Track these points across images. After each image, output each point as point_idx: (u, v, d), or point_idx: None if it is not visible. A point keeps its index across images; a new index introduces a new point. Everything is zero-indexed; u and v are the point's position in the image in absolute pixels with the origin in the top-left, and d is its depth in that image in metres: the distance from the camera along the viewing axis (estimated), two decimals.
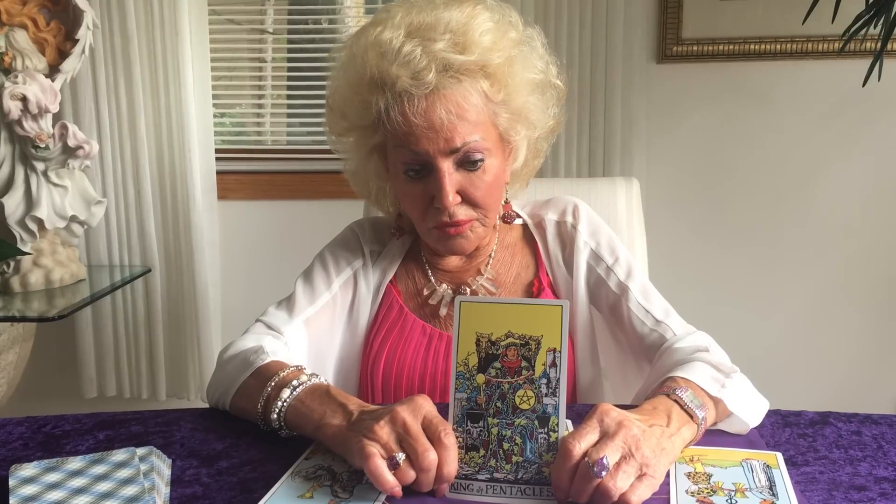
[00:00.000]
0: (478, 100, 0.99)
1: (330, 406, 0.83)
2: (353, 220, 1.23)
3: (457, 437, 0.76)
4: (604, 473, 0.70)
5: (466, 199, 1.01)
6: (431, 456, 0.73)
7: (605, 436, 0.73)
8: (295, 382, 0.87)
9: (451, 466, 0.74)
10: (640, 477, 0.72)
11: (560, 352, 0.74)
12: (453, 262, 1.14)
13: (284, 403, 0.86)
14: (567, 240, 1.13)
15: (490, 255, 1.14)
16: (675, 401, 0.84)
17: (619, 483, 0.70)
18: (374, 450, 0.73)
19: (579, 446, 0.72)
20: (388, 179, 1.09)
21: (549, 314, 0.75)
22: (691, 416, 0.83)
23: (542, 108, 1.07)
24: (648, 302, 1.08)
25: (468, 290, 1.11)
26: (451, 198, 0.99)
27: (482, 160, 1.00)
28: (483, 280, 1.12)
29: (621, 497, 0.71)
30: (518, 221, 1.17)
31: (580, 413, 0.86)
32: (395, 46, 0.96)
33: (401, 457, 0.73)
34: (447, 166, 0.98)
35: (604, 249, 1.11)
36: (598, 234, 1.13)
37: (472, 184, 1.00)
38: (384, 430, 0.75)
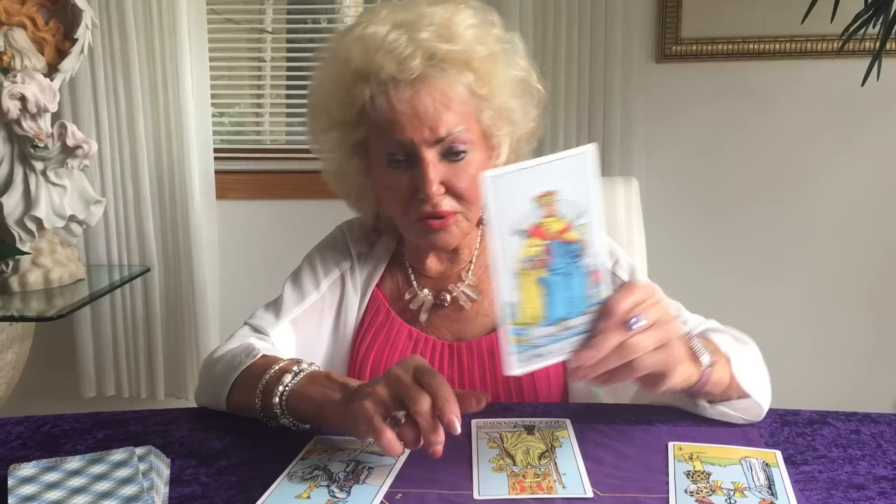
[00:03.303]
0: (463, 91, 0.99)
1: (331, 387, 0.84)
2: (346, 220, 1.22)
3: None
4: (635, 328, 0.73)
5: (450, 191, 1.00)
6: (424, 399, 0.73)
7: (649, 302, 0.76)
8: (296, 369, 0.89)
9: (444, 395, 0.74)
10: (659, 349, 0.75)
11: None
12: (435, 267, 1.13)
13: (286, 388, 0.87)
14: None
15: (471, 262, 1.13)
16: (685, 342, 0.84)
17: (643, 342, 0.74)
18: (375, 411, 0.75)
19: (634, 298, 0.75)
20: (369, 177, 1.08)
21: None
22: (696, 360, 0.83)
23: (523, 109, 1.07)
24: None
25: (448, 296, 1.10)
26: (435, 188, 0.98)
27: (465, 152, 1.00)
28: (464, 287, 1.10)
29: (637, 357, 0.74)
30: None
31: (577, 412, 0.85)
32: (380, 36, 0.97)
33: (401, 414, 0.75)
34: (431, 156, 0.98)
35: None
36: None
37: (456, 175, 1.00)
38: (382, 389, 0.76)
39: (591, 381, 0.76)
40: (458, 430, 0.73)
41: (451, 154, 0.99)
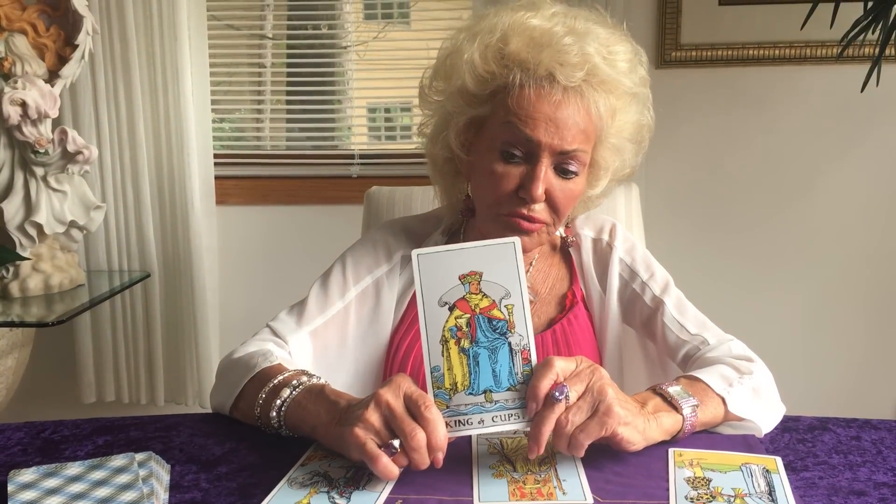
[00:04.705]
0: (601, 116, 1.01)
1: (323, 405, 0.84)
2: (387, 220, 1.21)
3: None
4: (560, 398, 0.76)
5: (548, 201, 1.02)
6: (420, 435, 0.75)
7: (574, 372, 0.79)
8: (295, 382, 0.88)
9: (439, 436, 0.76)
10: (593, 415, 0.77)
11: None
12: None
13: (284, 402, 0.87)
14: (602, 257, 1.15)
15: (531, 264, 1.14)
16: (659, 393, 0.87)
17: (572, 416, 0.76)
18: (368, 438, 0.76)
19: (553, 373, 0.78)
20: (468, 153, 1.07)
21: None
22: (675, 408, 0.85)
23: (633, 153, 1.10)
24: (683, 316, 1.09)
25: None
26: (541, 192, 0.99)
27: (576, 173, 1.02)
28: None
29: (573, 433, 0.76)
30: (557, 233, 1.17)
31: None
32: (553, 34, 0.98)
33: (396, 443, 0.75)
34: (548, 162, 0.99)
35: (639, 265, 1.13)
36: (634, 251, 1.15)
37: (560, 188, 1.01)
38: (373, 416, 0.76)
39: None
40: (441, 464, 0.77)
41: (561, 169, 1.01)
